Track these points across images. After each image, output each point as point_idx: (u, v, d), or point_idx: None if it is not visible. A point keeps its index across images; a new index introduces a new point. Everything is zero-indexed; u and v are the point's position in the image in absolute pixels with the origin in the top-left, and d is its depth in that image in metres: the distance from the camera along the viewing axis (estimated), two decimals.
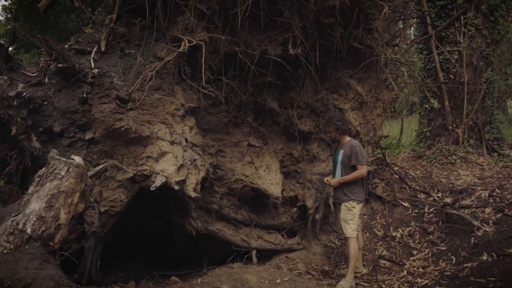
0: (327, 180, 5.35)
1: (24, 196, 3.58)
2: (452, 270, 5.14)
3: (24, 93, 4.34)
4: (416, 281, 5.23)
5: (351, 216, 5.21)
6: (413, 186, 7.23)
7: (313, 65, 5.80)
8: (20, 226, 3.25)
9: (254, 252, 5.88)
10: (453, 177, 7.42)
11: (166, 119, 4.67)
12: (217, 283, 4.32)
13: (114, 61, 4.66)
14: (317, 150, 6.50)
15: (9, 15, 17.06)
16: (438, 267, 5.37)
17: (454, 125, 8.87)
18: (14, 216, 3.32)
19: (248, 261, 5.84)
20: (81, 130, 4.54)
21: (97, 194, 4.41)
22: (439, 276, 5.16)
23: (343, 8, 5.49)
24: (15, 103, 4.29)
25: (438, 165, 8.45)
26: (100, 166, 3.91)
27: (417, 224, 6.48)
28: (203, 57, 4.46)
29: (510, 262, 4.73)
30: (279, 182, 5.92)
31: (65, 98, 4.50)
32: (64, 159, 3.47)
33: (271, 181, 5.77)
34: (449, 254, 5.47)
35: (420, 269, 5.53)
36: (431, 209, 6.51)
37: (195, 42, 4.48)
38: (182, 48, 4.41)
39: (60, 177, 3.39)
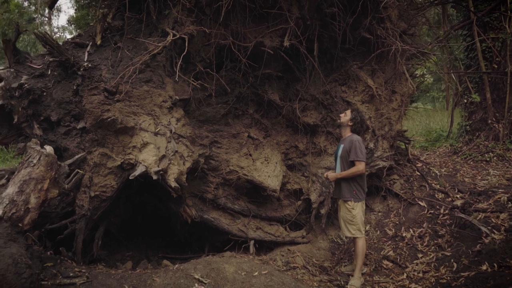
0: (326, 175, 5.24)
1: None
2: (449, 278, 4.83)
3: (25, 85, 4.72)
4: (410, 286, 5.00)
5: (351, 217, 5.09)
6: (433, 184, 6.78)
7: (317, 56, 5.59)
8: None
9: (251, 242, 5.92)
10: (479, 177, 6.81)
11: (153, 110, 4.81)
12: (191, 270, 4.42)
13: (107, 54, 4.88)
14: (325, 143, 6.31)
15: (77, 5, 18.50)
16: (437, 274, 5.08)
17: (495, 119, 8.04)
18: None
19: (246, 250, 5.92)
20: (76, 119, 4.85)
21: (87, 180, 4.73)
22: (434, 283, 4.88)
23: None
24: (16, 93, 4.68)
25: (471, 163, 7.79)
26: (78, 155, 4.18)
27: (430, 225, 6.11)
28: (186, 51, 4.51)
29: (508, 275, 4.33)
30: (278, 175, 5.85)
31: (62, 89, 4.83)
32: (38, 148, 3.76)
33: (268, 174, 5.73)
34: (452, 260, 5.14)
35: (420, 274, 5.26)
36: (446, 211, 6.10)
37: (178, 36, 4.54)
38: (165, 42, 4.50)
39: (33, 164, 3.69)
